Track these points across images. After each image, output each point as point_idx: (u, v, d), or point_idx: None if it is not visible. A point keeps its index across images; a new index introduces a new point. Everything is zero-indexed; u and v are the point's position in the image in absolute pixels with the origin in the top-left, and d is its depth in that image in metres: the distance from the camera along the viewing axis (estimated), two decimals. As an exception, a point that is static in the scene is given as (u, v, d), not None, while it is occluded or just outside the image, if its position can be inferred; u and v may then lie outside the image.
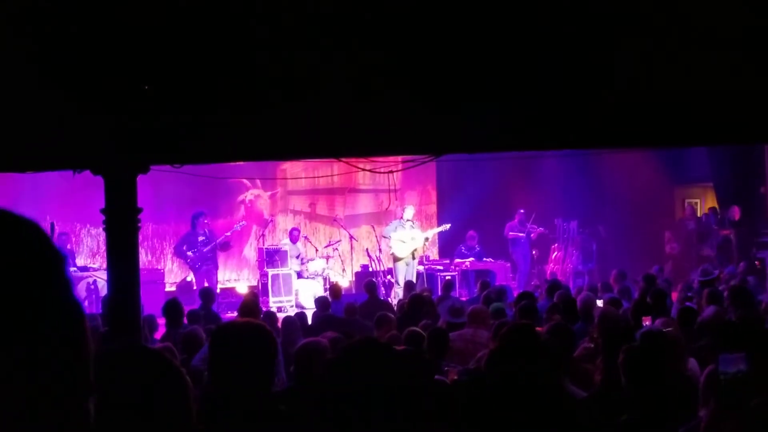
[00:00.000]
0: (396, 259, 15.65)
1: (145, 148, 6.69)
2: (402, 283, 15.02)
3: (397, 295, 14.86)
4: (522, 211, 17.55)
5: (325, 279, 15.90)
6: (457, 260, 16.93)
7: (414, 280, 15.10)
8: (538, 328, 6.77)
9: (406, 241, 15.50)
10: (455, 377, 5.55)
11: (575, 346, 6.64)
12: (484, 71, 6.68)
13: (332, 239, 17.60)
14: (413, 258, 15.71)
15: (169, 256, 17.09)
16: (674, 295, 12.67)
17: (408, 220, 15.74)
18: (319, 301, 10.95)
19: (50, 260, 1.24)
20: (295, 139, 7.00)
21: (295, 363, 4.75)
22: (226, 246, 16.22)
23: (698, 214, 18.62)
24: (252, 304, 9.59)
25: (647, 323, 7.76)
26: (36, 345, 1.19)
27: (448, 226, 16.55)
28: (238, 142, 6.96)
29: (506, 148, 8.47)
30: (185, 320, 9.90)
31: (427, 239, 16.23)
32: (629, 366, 4.54)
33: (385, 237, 16.00)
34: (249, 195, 18.19)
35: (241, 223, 16.46)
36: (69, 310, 1.24)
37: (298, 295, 15.54)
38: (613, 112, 6.87)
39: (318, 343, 4.96)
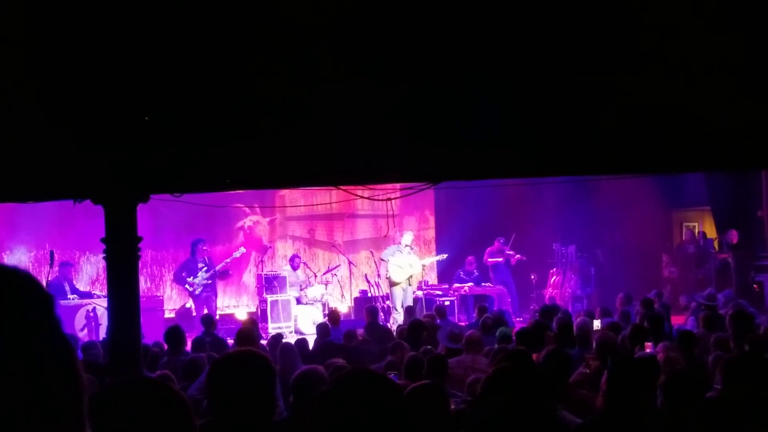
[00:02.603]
0: (392, 284, 15.72)
1: (144, 177, 6.72)
2: (399, 307, 15.12)
3: (395, 320, 14.88)
4: (501, 239, 17.59)
5: (324, 305, 15.90)
6: (456, 285, 16.92)
7: (411, 304, 15.19)
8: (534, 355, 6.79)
9: (404, 267, 15.60)
10: (453, 407, 5.53)
11: (571, 372, 6.63)
12: (481, 99, 6.73)
13: (331, 265, 17.62)
14: (409, 284, 15.81)
15: (169, 282, 17.06)
16: (674, 319, 12.69)
17: (406, 246, 15.83)
18: (320, 328, 10.93)
19: (41, 302, 1.27)
20: (293, 168, 7.03)
21: (293, 392, 4.73)
22: (225, 274, 16.20)
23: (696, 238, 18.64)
24: (248, 331, 9.54)
25: (649, 349, 7.77)
26: (32, 380, 1.21)
27: (445, 255, 16.91)
28: (236, 171, 7.00)
29: (504, 175, 8.51)
30: (188, 347, 9.88)
31: (423, 266, 16.28)
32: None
33: (383, 260, 16.07)
34: (248, 221, 18.18)
35: (240, 250, 16.44)
36: (62, 347, 1.27)
37: (297, 321, 15.53)
38: (611, 139, 6.91)
39: (316, 371, 4.94)
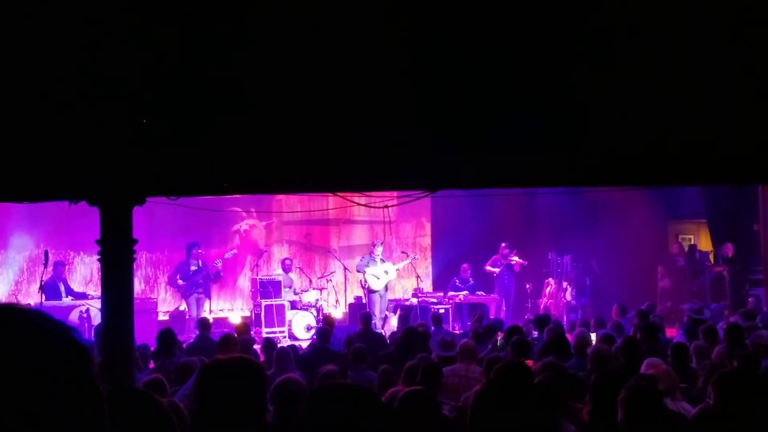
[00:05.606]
0: (371, 291, 16.33)
1: (141, 180, 6.70)
2: (378, 313, 15.84)
3: (375, 326, 15.06)
4: (504, 244, 17.61)
5: (318, 310, 15.91)
6: (451, 293, 16.93)
7: (386, 310, 15.99)
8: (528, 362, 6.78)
9: (380, 276, 16.28)
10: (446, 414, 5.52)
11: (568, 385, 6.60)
12: (478, 108, 6.73)
13: (327, 270, 17.63)
14: (386, 290, 16.47)
15: (163, 285, 17.01)
16: (668, 332, 12.67)
17: (378, 256, 16.47)
18: (321, 332, 10.92)
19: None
20: (290, 173, 7.02)
21: (273, 403, 4.64)
22: (217, 276, 16.16)
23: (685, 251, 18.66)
24: (230, 337, 9.48)
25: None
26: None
27: (417, 256, 17.85)
28: (233, 176, 6.99)
29: (501, 185, 8.50)
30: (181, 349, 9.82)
31: (397, 270, 16.77)
32: (628, 403, 4.59)
33: (358, 272, 16.59)
34: (244, 225, 18.14)
35: (232, 251, 16.43)
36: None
37: (291, 326, 15.52)
38: (609, 151, 6.91)
39: (293, 381, 4.86)
